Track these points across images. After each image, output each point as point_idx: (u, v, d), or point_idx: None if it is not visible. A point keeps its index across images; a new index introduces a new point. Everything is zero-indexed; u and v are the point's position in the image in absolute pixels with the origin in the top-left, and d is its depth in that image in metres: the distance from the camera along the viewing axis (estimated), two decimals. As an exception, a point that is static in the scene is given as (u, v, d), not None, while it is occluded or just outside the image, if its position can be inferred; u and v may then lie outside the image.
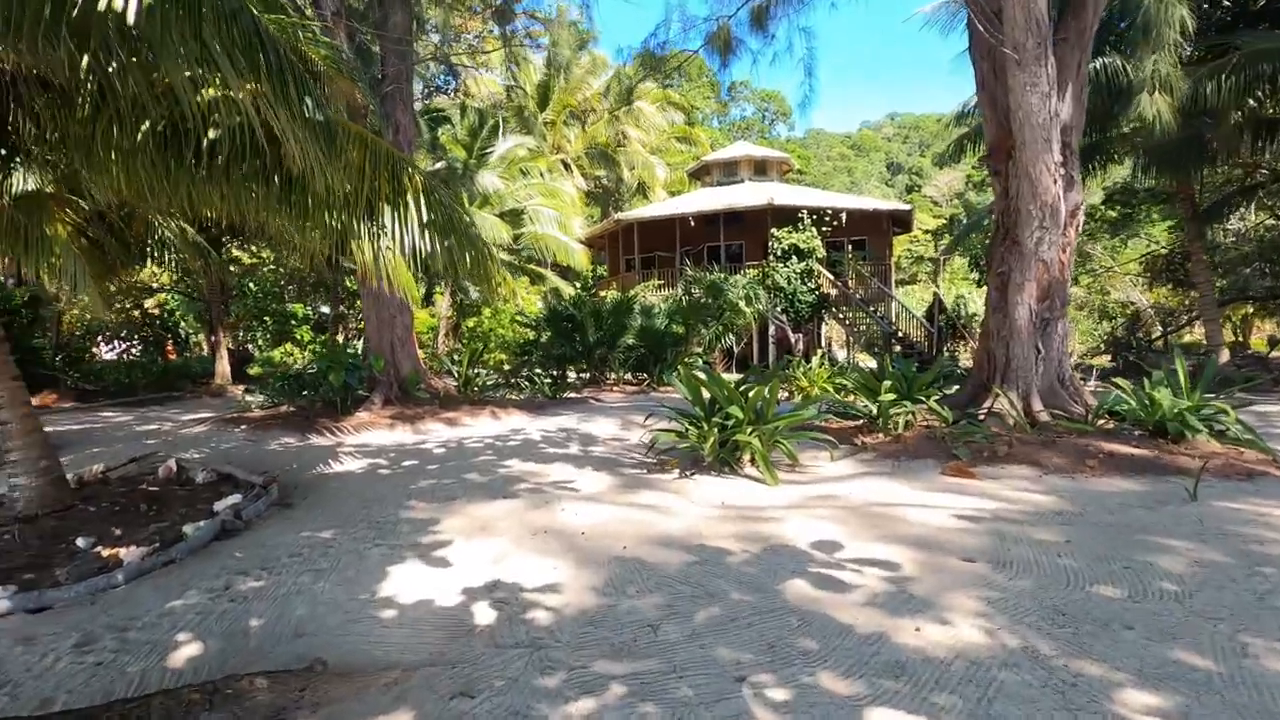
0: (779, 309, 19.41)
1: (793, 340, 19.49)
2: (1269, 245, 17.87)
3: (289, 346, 19.89)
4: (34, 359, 14.78)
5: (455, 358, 14.00)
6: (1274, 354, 16.55)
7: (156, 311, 21.57)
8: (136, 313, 20.02)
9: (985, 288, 17.17)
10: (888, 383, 7.44)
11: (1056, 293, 6.78)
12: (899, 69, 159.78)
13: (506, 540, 4.22)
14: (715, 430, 5.90)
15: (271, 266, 20.81)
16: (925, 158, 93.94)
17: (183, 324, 23.50)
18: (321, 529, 4.72)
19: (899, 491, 5.06)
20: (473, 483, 5.80)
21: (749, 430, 5.82)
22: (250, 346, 22.56)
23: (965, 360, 25.78)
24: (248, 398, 10.81)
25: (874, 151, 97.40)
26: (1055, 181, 6.46)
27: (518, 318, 17.94)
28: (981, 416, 6.83)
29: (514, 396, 12.41)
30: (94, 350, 19.99)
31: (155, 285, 21.68)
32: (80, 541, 4.45)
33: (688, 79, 60.83)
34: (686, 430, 6.10)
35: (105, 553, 4.28)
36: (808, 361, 15.85)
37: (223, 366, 16.30)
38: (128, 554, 4.19)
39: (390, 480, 6.08)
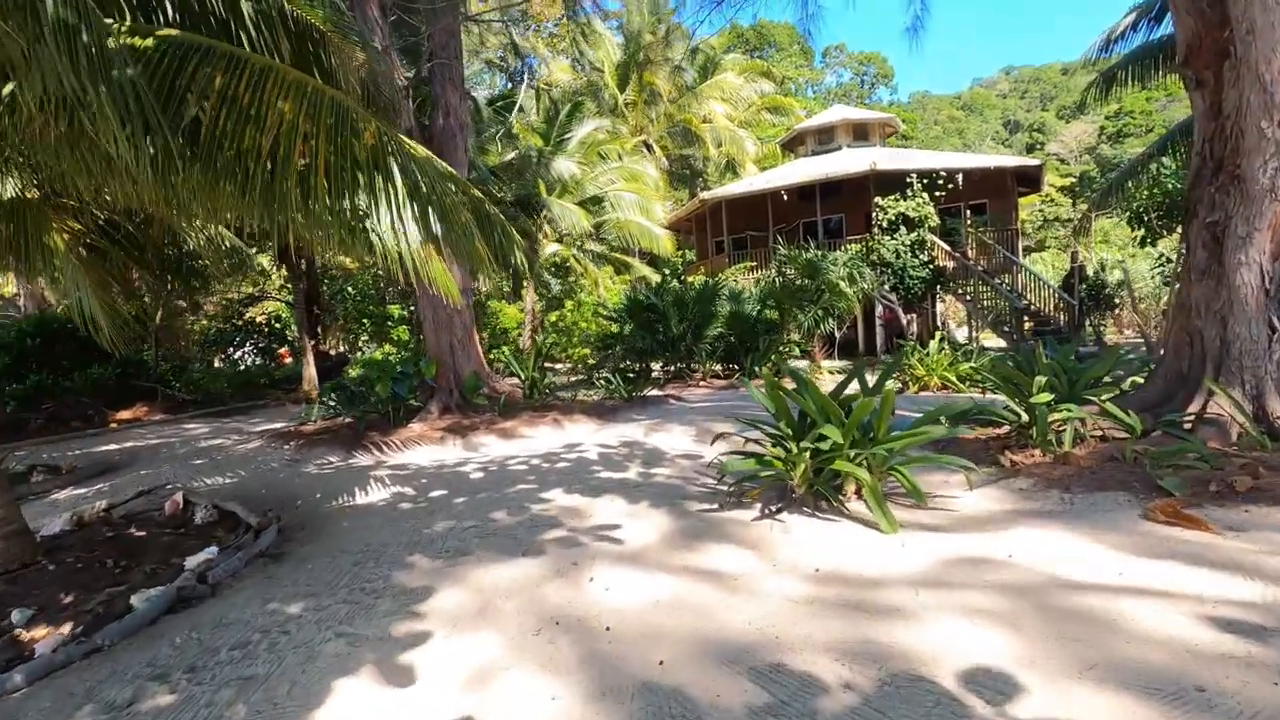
0: (887, 286, 17.26)
1: (904, 321, 17.27)
2: None
3: (388, 347, 20.02)
4: (138, 371, 15.32)
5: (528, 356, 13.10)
6: None
7: (262, 319, 22.34)
8: (239, 321, 20.71)
9: (1148, 248, 14.12)
10: (1041, 378, 5.63)
11: (1304, 246, 4.73)
12: (1012, 16, 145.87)
13: (501, 640, 2.98)
14: (807, 455, 4.42)
15: (373, 269, 20.94)
16: (1048, 112, 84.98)
17: (289, 331, 24.38)
18: (293, 599, 3.70)
19: (1087, 553, 3.40)
20: (496, 526, 4.64)
21: (853, 455, 4.30)
22: (355, 350, 23.05)
23: (1112, 338, 22.22)
24: (310, 408, 10.33)
25: (988, 110, 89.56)
26: (1306, 83, 4.43)
27: (599, 310, 16.88)
28: (1188, 425, 4.91)
29: (589, 397, 11.31)
30: (210, 360, 20.95)
31: (256, 294, 22.52)
32: (15, 615, 3.66)
33: (778, 49, 57.78)
34: (768, 456, 4.64)
35: (28, 635, 3.45)
36: (924, 346, 13.75)
37: (310, 372, 16.28)
38: (45, 643, 3.33)
39: (406, 519, 5.04)
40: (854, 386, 5.05)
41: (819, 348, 15.59)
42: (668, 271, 28.61)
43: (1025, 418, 5.52)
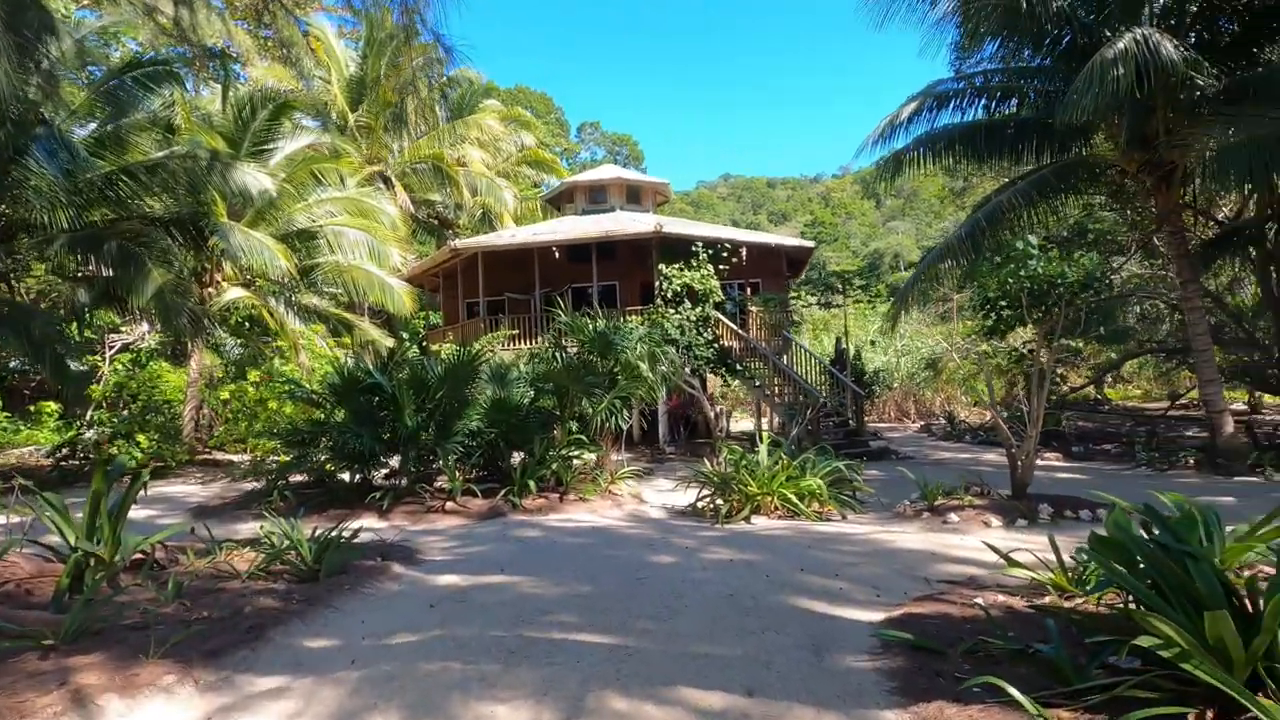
0: (688, 369, 14.43)
1: (710, 412, 14.48)
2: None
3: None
4: None
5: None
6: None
7: None
8: None
9: (992, 340, 12.82)
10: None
11: None
12: (729, 131, 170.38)
13: None
14: None
15: None
16: (760, 215, 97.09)
17: None
18: None
19: None
20: None
21: None
22: None
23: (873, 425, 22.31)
24: None
25: (712, 207, 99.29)
26: None
27: (286, 390, 11.31)
28: None
29: (230, 561, 6.04)
30: None
31: None
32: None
33: (536, 114, 56.50)
34: None
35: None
36: (749, 446, 10.86)
37: None
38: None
39: None
40: None
41: (609, 442, 11.93)
42: (406, 337, 23.25)
43: None
